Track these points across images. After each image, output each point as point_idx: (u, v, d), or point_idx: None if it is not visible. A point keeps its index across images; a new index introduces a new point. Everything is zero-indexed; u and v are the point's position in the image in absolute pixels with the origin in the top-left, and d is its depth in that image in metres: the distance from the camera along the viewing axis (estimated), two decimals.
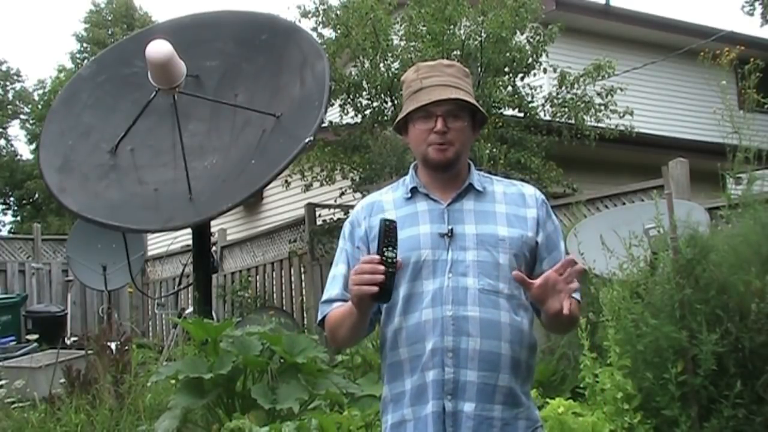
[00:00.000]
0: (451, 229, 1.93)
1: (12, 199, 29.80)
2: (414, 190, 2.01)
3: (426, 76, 1.98)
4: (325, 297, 2.04)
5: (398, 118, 2.04)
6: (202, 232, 6.05)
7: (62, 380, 5.23)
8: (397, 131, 2.09)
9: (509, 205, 1.99)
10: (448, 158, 1.96)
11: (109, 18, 29.44)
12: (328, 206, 9.23)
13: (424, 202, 1.99)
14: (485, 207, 1.97)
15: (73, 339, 8.83)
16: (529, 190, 2.04)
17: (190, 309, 7.20)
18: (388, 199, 2.04)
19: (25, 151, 33.87)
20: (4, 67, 29.82)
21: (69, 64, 28.73)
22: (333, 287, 2.03)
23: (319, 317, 2.04)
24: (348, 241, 2.05)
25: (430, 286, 1.90)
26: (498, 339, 1.87)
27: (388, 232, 1.76)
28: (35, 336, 7.34)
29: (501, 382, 1.86)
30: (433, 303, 1.89)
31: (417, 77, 2.00)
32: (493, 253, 1.91)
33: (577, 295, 1.99)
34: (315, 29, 7.98)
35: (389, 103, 7.82)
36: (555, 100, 8.22)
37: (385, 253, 1.74)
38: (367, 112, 8.03)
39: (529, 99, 8.13)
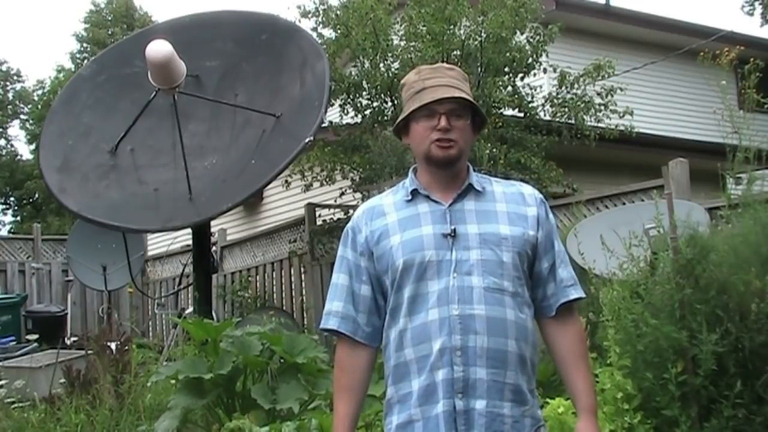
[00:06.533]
0: (454, 229, 1.93)
1: (12, 199, 29.78)
2: (414, 192, 2.01)
3: (428, 77, 2.00)
4: (327, 308, 2.05)
5: (400, 119, 2.05)
6: (202, 232, 6.06)
7: (62, 380, 5.23)
8: (396, 134, 2.09)
9: (510, 204, 2.00)
10: (451, 155, 1.97)
11: (109, 18, 29.43)
12: (328, 206, 9.23)
13: (425, 203, 1.99)
14: (486, 206, 1.99)
15: (73, 339, 8.83)
16: (528, 190, 2.07)
17: (190, 309, 7.19)
18: (389, 202, 2.05)
19: (25, 151, 33.89)
20: (4, 67, 29.83)
21: (69, 64, 28.76)
22: (335, 298, 2.04)
23: (322, 326, 2.05)
24: (349, 249, 2.05)
25: (436, 287, 1.90)
26: (505, 336, 1.89)
27: None
28: (35, 336, 7.33)
29: (509, 379, 1.88)
30: (439, 303, 1.89)
31: (419, 78, 2.02)
32: (496, 252, 1.92)
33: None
34: (315, 29, 7.98)
35: (389, 103, 7.82)
36: (555, 100, 8.22)
37: None
38: (367, 112, 8.02)
39: (529, 99, 8.13)
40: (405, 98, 2.05)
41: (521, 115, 8.16)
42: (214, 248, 9.55)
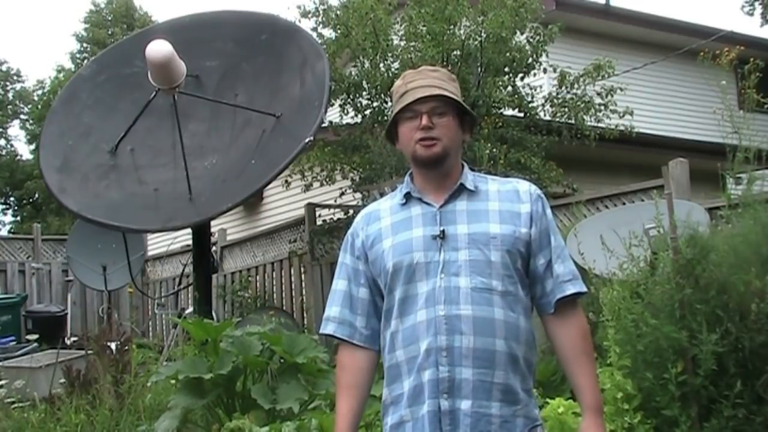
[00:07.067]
0: (443, 231, 1.95)
1: (12, 199, 29.78)
2: (408, 196, 2.04)
3: (411, 80, 2.03)
4: (326, 313, 2.09)
5: (387, 124, 2.08)
6: (202, 232, 6.06)
7: (62, 380, 5.23)
8: (390, 140, 2.12)
9: (503, 202, 2.00)
10: (436, 153, 1.98)
11: (109, 18, 29.43)
12: (328, 206, 9.23)
13: (418, 206, 2.01)
14: (478, 206, 1.99)
15: (73, 339, 8.84)
16: (524, 186, 2.06)
17: (190, 309, 7.19)
18: (385, 207, 2.08)
19: (25, 151, 33.92)
20: (4, 67, 29.83)
21: (69, 64, 28.75)
22: (333, 303, 2.08)
23: (321, 331, 2.09)
24: (348, 254, 2.09)
25: (424, 288, 1.92)
26: (492, 336, 1.88)
27: None
28: (35, 336, 7.33)
29: (497, 379, 1.87)
30: (426, 304, 1.91)
31: (403, 83, 2.05)
32: (484, 252, 1.92)
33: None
34: (315, 29, 7.98)
35: (389, 103, 7.81)
36: (555, 100, 8.22)
37: None
38: (367, 112, 8.03)
39: (529, 99, 8.12)
40: (393, 105, 2.08)
41: (521, 115, 8.16)
42: (214, 248, 9.56)
